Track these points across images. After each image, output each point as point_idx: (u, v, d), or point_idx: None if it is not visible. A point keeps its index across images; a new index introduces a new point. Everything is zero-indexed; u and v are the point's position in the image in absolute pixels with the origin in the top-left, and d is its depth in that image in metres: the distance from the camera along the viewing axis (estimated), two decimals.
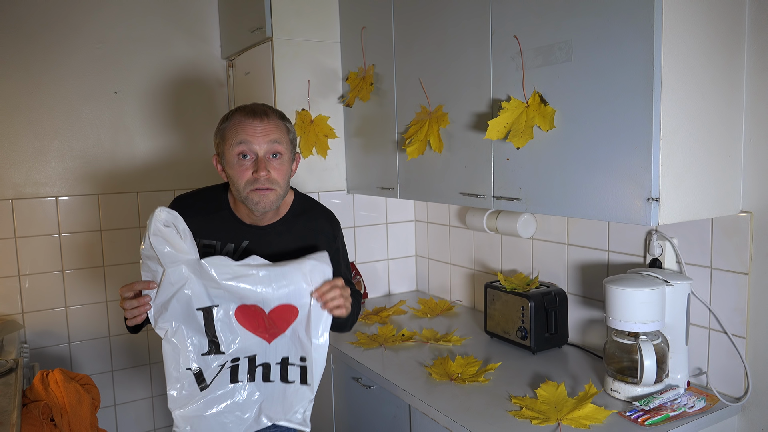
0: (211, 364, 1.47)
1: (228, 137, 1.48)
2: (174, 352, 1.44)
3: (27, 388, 1.91)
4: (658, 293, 1.58)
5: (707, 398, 1.59)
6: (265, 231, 1.60)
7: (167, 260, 1.38)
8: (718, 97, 1.48)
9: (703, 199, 1.48)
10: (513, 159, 1.73)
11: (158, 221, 1.38)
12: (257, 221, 1.59)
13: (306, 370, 1.48)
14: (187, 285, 1.40)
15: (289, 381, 1.50)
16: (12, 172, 2.49)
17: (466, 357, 1.94)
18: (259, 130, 1.46)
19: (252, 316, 1.46)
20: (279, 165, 1.49)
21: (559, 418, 1.51)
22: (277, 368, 1.50)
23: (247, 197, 1.49)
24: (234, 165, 1.48)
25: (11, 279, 2.50)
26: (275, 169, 1.48)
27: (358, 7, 2.42)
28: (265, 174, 1.46)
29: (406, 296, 2.79)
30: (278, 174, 1.49)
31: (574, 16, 1.50)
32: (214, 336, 1.45)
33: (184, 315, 1.43)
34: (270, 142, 1.47)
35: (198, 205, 1.61)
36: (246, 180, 1.47)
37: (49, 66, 2.52)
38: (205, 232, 1.57)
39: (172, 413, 1.46)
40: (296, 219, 1.63)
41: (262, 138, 1.46)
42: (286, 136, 1.51)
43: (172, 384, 1.44)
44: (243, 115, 1.49)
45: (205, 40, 2.84)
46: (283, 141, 1.49)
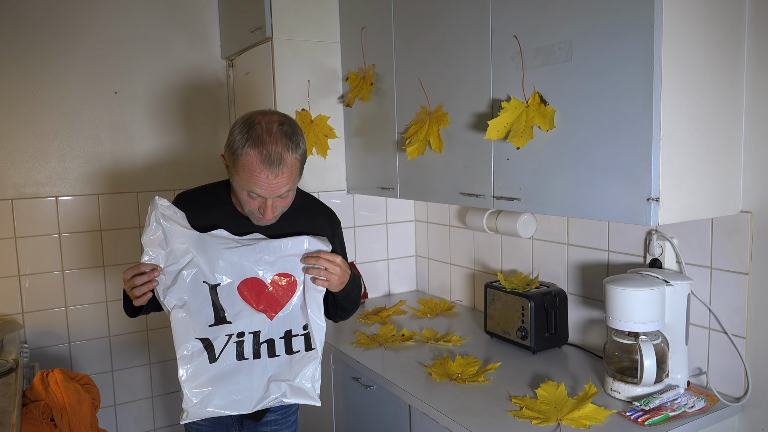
0: (219, 334, 1.51)
1: (239, 173, 1.46)
2: (183, 323, 1.48)
3: (27, 388, 1.91)
4: (658, 293, 1.58)
5: (707, 398, 1.59)
6: (267, 227, 1.62)
7: (173, 237, 1.46)
8: (718, 96, 1.48)
9: (703, 199, 1.48)
10: (513, 159, 1.73)
11: (161, 205, 1.48)
12: None
13: (308, 336, 1.55)
14: (193, 261, 1.48)
15: (294, 351, 1.56)
16: (12, 172, 2.49)
17: (466, 357, 1.94)
18: (272, 184, 1.45)
19: (254, 291, 1.52)
20: (286, 197, 1.52)
21: (559, 418, 1.51)
22: (281, 342, 1.55)
23: (250, 214, 1.55)
24: (241, 193, 1.50)
25: (11, 279, 2.50)
26: (281, 203, 1.52)
27: (358, 7, 2.43)
28: (271, 217, 1.51)
29: (406, 296, 2.79)
30: (284, 205, 1.53)
31: (574, 16, 1.50)
32: (221, 308, 1.51)
33: (190, 289, 1.49)
34: (280, 195, 1.49)
35: (200, 200, 1.63)
36: (251, 208, 1.51)
37: (49, 66, 2.52)
38: (207, 227, 1.59)
39: (182, 388, 1.48)
40: (297, 215, 1.65)
41: (273, 191, 1.46)
42: (297, 176, 1.51)
43: (182, 360, 1.47)
44: (258, 160, 1.43)
45: (205, 40, 2.84)
46: (293, 185, 1.51)
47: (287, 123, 1.49)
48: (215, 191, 1.66)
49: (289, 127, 1.48)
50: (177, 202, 1.61)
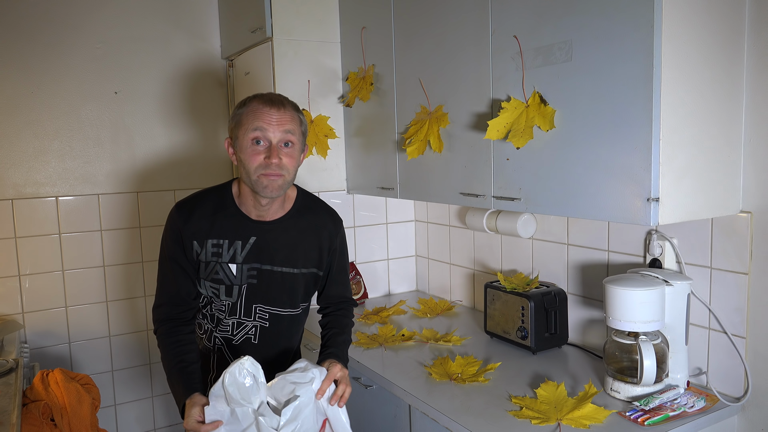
0: None
1: (244, 122, 1.52)
2: None
3: (27, 388, 1.91)
4: (658, 293, 1.58)
5: (707, 398, 1.59)
6: (272, 226, 1.63)
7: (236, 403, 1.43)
8: (718, 97, 1.48)
9: (703, 199, 1.48)
10: (513, 159, 1.73)
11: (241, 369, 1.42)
12: (263, 216, 1.62)
13: None
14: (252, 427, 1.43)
15: None
16: (12, 172, 2.49)
17: (466, 357, 1.94)
18: (275, 119, 1.51)
19: None
20: (290, 153, 1.54)
21: (559, 418, 1.51)
22: None
23: (257, 181, 1.52)
24: (247, 149, 1.52)
25: (11, 279, 2.50)
26: (286, 156, 1.53)
27: (358, 6, 2.43)
28: (277, 161, 1.50)
29: (406, 296, 2.79)
30: (289, 161, 1.53)
31: (574, 15, 1.50)
32: None
33: None
34: (284, 132, 1.51)
35: (202, 208, 1.62)
36: (258, 164, 1.51)
37: (49, 66, 2.52)
38: (213, 233, 1.60)
39: None
40: (300, 215, 1.68)
41: (277, 126, 1.51)
42: (299, 127, 1.56)
43: None
44: (260, 102, 1.52)
45: (205, 40, 2.84)
46: (296, 131, 1.54)
47: None
48: (216, 195, 1.65)
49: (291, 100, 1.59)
50: (180, 214, 1.60)
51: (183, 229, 1.59)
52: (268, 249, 1.62)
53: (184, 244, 1.60)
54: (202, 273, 1.62)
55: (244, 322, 1.67)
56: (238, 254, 1.61)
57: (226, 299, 1.64)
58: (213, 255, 1.60)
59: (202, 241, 1.59)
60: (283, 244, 1.64)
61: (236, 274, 1.61)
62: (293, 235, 1.65)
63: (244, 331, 1.68)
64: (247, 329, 1.67)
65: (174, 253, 1.61)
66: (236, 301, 1.64)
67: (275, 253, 1.63)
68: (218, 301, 1.64)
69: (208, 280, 1.62)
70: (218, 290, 1.63)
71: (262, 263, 1.62)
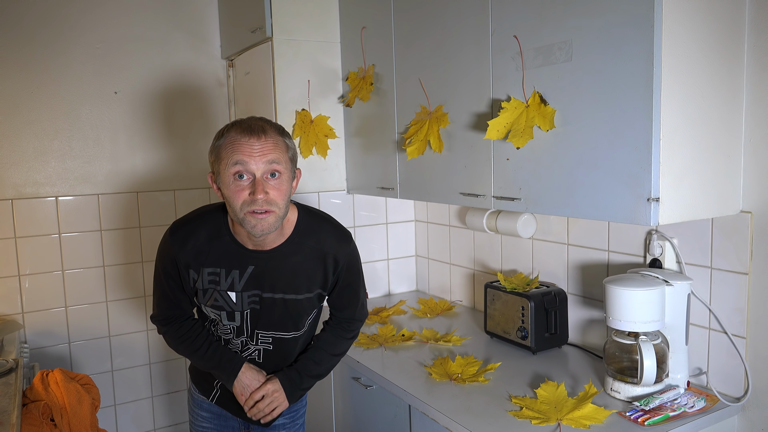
0: None
1: (223, 156, 1.40)
2: None
3: (27, 388, 1.91)
4: (658, 293, 1.58)
5: (707, 398, 1.59)
6: (271, 255, 1.53)
7: None
8: (718, 97, 1.48)
9: (703, 199, 1.48)
10: (513, 159, 1.73)
11: None
12: (260, 245, 1.52)
13: None
14: None
15: None
16: (12, 172, 2.49)
17: (466, 357, 1.94)
18: (257, 150, 1.38)
19: None
20: (278, 185, 1.41)
21: (559, 418, 1.51)
22: None
23: (244, 219, 1.40)
24: (230, 185, 1.40)
25: (11, 279, 2.50)
26: (274, 190, 1.40)
27: (358, 7, 2.42)
28: (263, 196, 1.38)
29: (406, 296, 2.79)
30: (277, 194, 1.41)
31: (574, 16, 1.50)
32: None
33: None
34: (268, 162, 1.39)
35: (197, 236, 1.52)
36: (243, 201, 1.39)
37: (49, 66, 2.52)
38: (209, 262, 1.52)
39: None
40: (302, 239, 1.55)
41: (259, 158, 1.38)
42: (285, 154, 1.43)
43: None
44: (239, 132, 1.40)
45: (205, 40, 2.84)
46: (281, 160, 1.41)
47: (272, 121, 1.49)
48: (212, 220, 1.55)
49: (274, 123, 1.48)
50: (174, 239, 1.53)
51: (178, 256, 1.52)
52: (269, 277, 1.54)
53: (179, 270, 1.54)
54: (201, 299, 1.57)
55: (248, 345, 1.63)
56: (236, 283, 1.53)
57: (230, 323, 1.58)
58: (210, 282, 1.53)
59: (198, 269, 1.53)
60: (284, 272, 1.54)
61: (236, 301, 1.55)
62: (295, 262, 1.54)
63: (249, 352, 1.65)
64: (251, 351, 1.64)
65: (169, 274, 1.56)
66: (241, 325, 1.59)
67: (276, 281, 1.54)
68: (222, 324, 1.60)
69: (208, 306, 1.57)
70: (220, 315, 1.58)
71: (262, 291, 1.54)
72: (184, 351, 1.64)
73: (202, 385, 1.74)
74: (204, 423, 1.78)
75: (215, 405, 1.74)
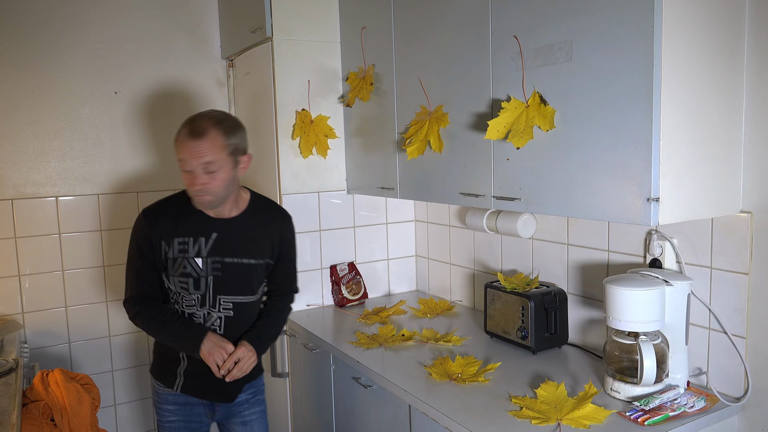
0: None
1: (176, 149, 1.72)
2: None
3: (27, 388, 1.91)
4: (658, 293, 1.58)
5: (707, 398, 1.59)
6: (231, 223, 1.84)
7: None
8: (718, 97, 1.48)
9: (703, 199, 1.48)
10: (513, 159, 1.73)
11: None
12: (221, 214, 1.82)
13: None
14: None
15: None
16: (12, 172, 2.49)
17: (466, 357, 1.94)
18: (195, 151, 1.67)
19: None
20: (211, 179, 1.69)
21: (559, 418, 1.51)
22: None
23: (192, 197, 1.76)
24: (181, 172, 1.73)
25: (11, 279, 2.50)
26: (210, 179, 1.69)
27: (358, 7, 2.43)
28: (200, 186, 1.69)
29: (406, 296, 2.79)
30: (213, 183, 1.70)
31: (574, 16, 1.50)
32: None
33: None
34: (202, 163, 1.67)
35: (166, 211, 1.82)
36: (188, 184, 1.73)
37: (49, 66, 2.52)
38: (179, 232, 1.79)
39: None
40: (255, 213, 1.89)
41: (196, 159, 1.67)
42: (221, 153, 1.68)
43: None
44: (185, 133, 1.69)
45: (205, 40, 2.84)
46: (216, 159, 1.68)
47: (223, 114, 1.75)
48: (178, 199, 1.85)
49: (223, 114, 1.75)
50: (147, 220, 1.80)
51: (151, 232, 1.78)
52: (229, 243, 1.81)
53: (152, 245, 1.79)
54: (171, 270, 1.80)
55: (211, 314, 1.83)
56: (202, 249, 1.79)
57: (195, 292, 1.80)
58: (180, 252, 1.78)
59: (170, 240, 1.78)
60: (242, 238, 1.83)
61: (202, 267, 1.79)
62: (250, 229, 1.85)
63: (210, 322, 1.83)
64: (213, 320, 1.84)
65: (143, 253, 1.80)
66: (204, 293, 1.81)
67: (235, 247, 1.82)
68: (188, 295, 1.81)
69: (176, 276, 1.79)
70: (187, 284, 1.79)
71: (224, 256, 1.81)
72: (155, 326, 1.82)
73: (165, 377, 1.90)
74: (170, 417, 1.92)
75: (180, 395, 1.89)
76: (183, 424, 1.91)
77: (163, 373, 1.90)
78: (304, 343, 2.40)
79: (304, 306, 2.59)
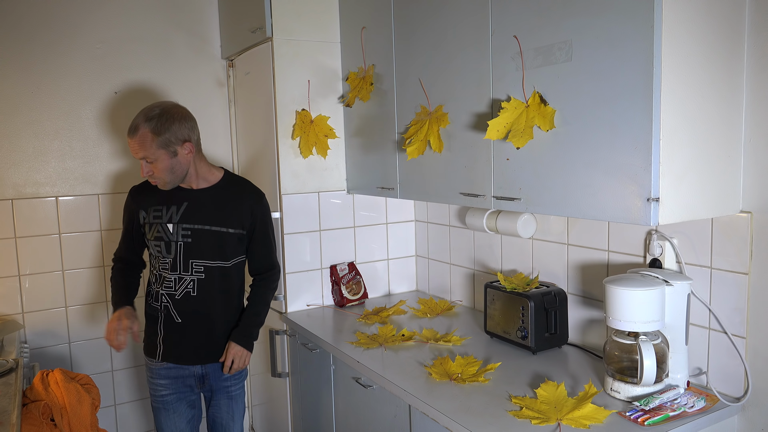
0: None
1: None
2: None
3: (27, 388, 1.91)
4: (658, 293, 1.58)
5: (707, 398, 1.59)
6: (201, 193, 2.03)
7: None
8: (718, 97, 1.48)
9: (703, 199, 1.48)
10: (513, 159, 1.73)
11: None
12: (190, 186, 2.03)
13: None
14: None
15: None
16: (12, 172, 2.49)
17: (466, 357, 1.94)
18: (131, 147, 1.91)
19: None
20: (154, 165, 1.91)
21: (559, 418, 1.51)
22: None
23: None
24: None
25: (11, 279, 2.50)
26: (153, 168, 1.91)
27: (358, 7, 2.42)
28: (145, 174, 1.93)
29: (406, 296, 2.79)
30: (157, 170, 1.91)
31: (574, 16, 1.50)
32: None
33: None
34: (140, 157, 1.91)
35: (146, 187, 2.06)
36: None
37: (49, 66, 2.52)
38: (154, 201, 2.03)
39: None
40: (227, 186, 2.08)
41: (133, 153, 1.92)
42: (151, 147, 1.88)
43: None
44: (128, 130, 1.92)
45: (205, 40, 2.84)
46: (149, 152, 1.88)
47: (160, 107, 1.92)
48: None
49: (159, 110, 1.91)
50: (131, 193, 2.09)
51: (133, 204, 2.07)
52: (199, 211, 2.01)
53: (133, 215, 2.06)
54: (148, 234, 2.03)
55: (183, 277, 2.01)
56: (174, 216, 2.01)
57: (168, 256, 2.01)
58: (155, 218, 2.02)
59: (148, 209, 2.03)
60: (212, 207, 2.02)
61: (172, 231, 2.00)
62: (220, 200, 2.04)
63: (184, 286, 2.02)
64: (186, 283, 2.01)
65: (131, 221, 2.08)
66: (175, 257, 2.00)
67: (205, 215, 2.01)
68: (162, 258, 2.02)
69: (152, 239, 2.02)
70: (160, 247, 2.01)
71: (194, 223, 2.00)
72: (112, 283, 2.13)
73: (150, 350, 2.10)
74: (163, 390, 2.09)
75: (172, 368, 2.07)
76: (175, 396, 2.09)
77: (149, 346, 2.11)
78: (304, 343, 2.40)
79: (304, 306, 2.60)
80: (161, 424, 2.11)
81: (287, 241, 2.53)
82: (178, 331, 2.04)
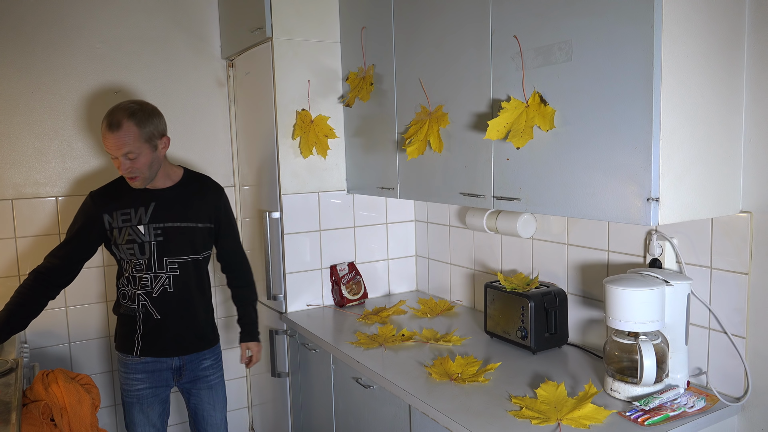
0: None
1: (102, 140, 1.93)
2: None
3: (27, 388, 1.91)
4: (658, 293, 1.58)
5: (707, 398, 1.59)
6: (166, 192, 2.06)
7: None
8: (717, 96, 1.48)
9: (703, 199, 1.48)
10: (513, 159, 1.73)
11: None
12: (155, 186, 2.05)
13: None
14: None
15: None
16: (12, 172, 2.49)
17: (466, 357, 1.94)
18: (114, 143, 1.88)
19: None
20: (135, 160, 1.91)
21: (559, 418, 1.51)
22: None
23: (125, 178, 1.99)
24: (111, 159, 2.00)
25: (11, 279, 2.50)
26: (133, 162, 1.91)
27: (358, 7, 2.43)
28: (125, 171, 1.93)
29: (406, 296, 2.79)
30: (137, 165, 1.92)
31: (574, 16, 1.50)
32: None
33: None
34: (122, 153, 1.89)
35: (110, 190, 2.06)
36: (118, 169, 1.95)
37: (50, 66, 2.52)
38: (120, 205, 2.02)
39: None
40: (189, 183, 2.12)
41: (116, 149, 1.89)
42: (137, 141, 1.89)
43: None
44: (105, 126, 1.89)
45: (205, 40, 2.84)
46: (134, 147, 1.89)
47: (135, 103, 1.94)
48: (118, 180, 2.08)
49: (137, 106, 1.93)
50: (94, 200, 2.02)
51: (96, 209, 2.01)
52: (167, 210, 2.04)
53: (93, 220, 2.01)
54: (118, 239, 2.02)
55: (159, 275, 2.04)
56: (143, 216, 2.02)
57: (142, 257, 2.02)
58: (123, 221, 2.01)
59: (113, 213, 2.01)
60: (179, 205, 2.06)
61: (144, 232, 2.01)
62: (185, 197, 2.08)
63: (160, 283, 2.05)
64: (162, 280, 2.05)
65: (82, 228, 2.02)
66: (150, 257, 2.02)
67: (174, 213, 2.05)
68: (136, 261, 2.03)
69: (124, 243, 2.02)
70: (134, 249, 2.01)
71: (165, 222, 2.03)
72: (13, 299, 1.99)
73: (125, 345, 2.10)
74: (139, 385, 2.10)
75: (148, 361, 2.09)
76: (150, 391, 2.11)
77: (125, 343, 2.10)
78: (304, 343, 2.40)
79: (304, 306, 2.60)
80: (134, 418, 2.13)
81: (287, 241, 2.53)
82: (157, 327, 2.07)
